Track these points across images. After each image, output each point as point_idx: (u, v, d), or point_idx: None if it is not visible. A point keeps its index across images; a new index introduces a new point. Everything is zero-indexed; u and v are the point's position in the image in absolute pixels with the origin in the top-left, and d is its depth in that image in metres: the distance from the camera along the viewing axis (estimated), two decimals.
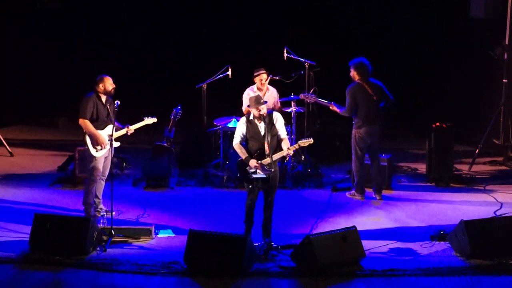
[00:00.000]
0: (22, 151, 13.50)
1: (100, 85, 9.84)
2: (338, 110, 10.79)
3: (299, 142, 9.08)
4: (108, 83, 9.87)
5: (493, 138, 12.80)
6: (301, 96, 11.10)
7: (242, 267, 8.37)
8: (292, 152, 9.11)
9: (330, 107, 10.85)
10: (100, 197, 10.11)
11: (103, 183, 10.08)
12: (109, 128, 9.83)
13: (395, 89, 11.44)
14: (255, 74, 11.50)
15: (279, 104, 11.70)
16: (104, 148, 9.82)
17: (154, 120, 10.24)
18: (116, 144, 9.94)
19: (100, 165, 9.86)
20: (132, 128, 10.05)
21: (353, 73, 10.67)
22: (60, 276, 8.43)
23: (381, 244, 9.23)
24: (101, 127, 9.82)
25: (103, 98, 9.86)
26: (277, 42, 12.43)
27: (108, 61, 15.26)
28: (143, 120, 10.18)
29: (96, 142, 9.74)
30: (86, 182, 9.98)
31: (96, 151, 9.78)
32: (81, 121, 9.75)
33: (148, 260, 8.75)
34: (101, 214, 10.00)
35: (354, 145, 10.74)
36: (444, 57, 14.23)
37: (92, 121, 9.77)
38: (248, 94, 11.37)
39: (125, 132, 10.00)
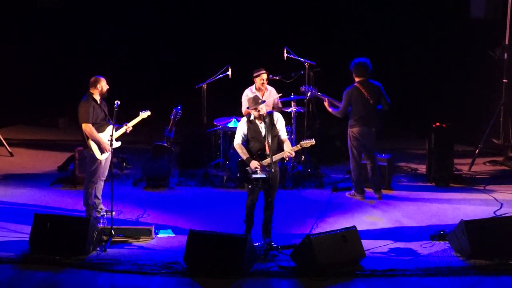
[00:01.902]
0: (22, 151, 13.50)
1: (98, 86, 9.79)
2: (330, 110, 10.84)
3: (301, 143, 9.08)
4: (105, 84, 9.86)
5: (493, 138, 12.79)
6: (301, 89, 11.08)
7: (242, 267, 8.37)
8: (293, 154, 9.10)
9: (325, 102, 10.87)
10: (100, 197, 10.10)
11: (102, 183, 10.07)
12: (109, 130, 9.82)
13: (395, 89, 11.46)
14: (255, 74, 11.50)
15: (279, 104, 11.70)
16: (109, 151, 9.82)
17: (148, 113, 10.22)
18: (118, 144, 9.94)
19: (102, 167, 9.86)
20: (130, 125, 10.03)
21: (354, 75, 10.68)
22: (60, 276, 8.43)
23: (381, 244, 9.23)
24: (101, 129, 9.79)
25: (98, 99, 9.82)
26: (277, 42, 12.43)
27: (108, 61, 15.27)
28: (138, 115, 10.17)
29: (101, 148, 9.72)
30: (85, 184, 9.96)
31: (101, 154, 9.77)
32: (84, 126, 9.67)
33: (148, 260, 8.75)
34: (101, 214, 10.00)
35: (349, 145, 10.77)
36: (444, 57, 14.23)
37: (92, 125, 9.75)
38: (247, 95, 11.39)
39: (124, 130, 9.99)
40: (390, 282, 8.30)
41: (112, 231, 9.20)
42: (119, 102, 9.49)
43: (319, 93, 11.06)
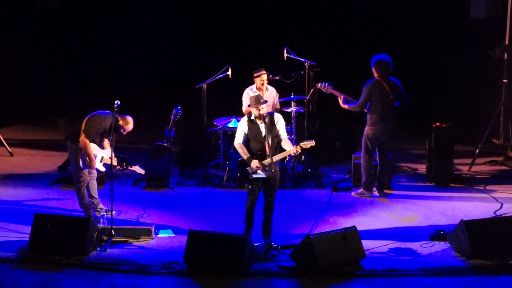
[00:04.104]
0: (22, 151, 13.49)
1: (126, 126, 9.67)
2: (345, 106, 10.76)
3: (301, 144, 9.07)
4: (129, 128, 9.74)
5: (493, 138, 12.79)
6: (318, 85, 10.97)
7: (242, 267, 8.37)
8: (299, 151, 9.06)
9: (339, 99, 10.79)
10: (97, 196, 10.08)
11: (94, 182, 10.04)
12: (105, 152, 9.81)
13: None
14: (256, 75, 11.48)
15: (278, 104, 11.70)
16: (92, 169, 9.81)
17: (143, 172, 10.24)
18: (102, 169, 9.92)
19: (86, 170, 9.84)
20: (124, 164, 10.00)
21: (373, 70, 10.64)
22: (60, 276, 8.43)
23: (381, 244, 9.23)
24: (97, 143, 9.79)
25: (114, 127, 9.64)
26: (277, 42, 12.43)
27: (108, 61, 15.30)
28: (135, 166, 10.12)
29: (87, 163, 9.72)
30: (75, 187, 9.91)
31: (84, 165, 9.76)
32: (82, 138, 9.61)
33: (148, 260, 8.75)
34: (101, 214, 9.99)
35: (365, 142, 10.72)
36: (444, 57, 14.22)
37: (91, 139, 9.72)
38: (248, 95, 11.39)
39: (117, 164, 9.86)
40: (390, 282, 8.31)
41: (112, 231, 9.20)
42: (119, 102, 9.49)
43: (334, 90, 10.93)
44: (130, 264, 8.65)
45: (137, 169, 10.15)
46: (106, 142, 9.92)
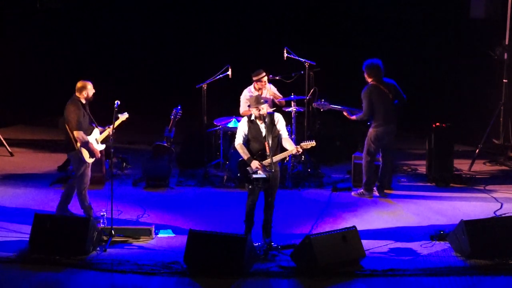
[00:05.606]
0: (22, 151, 13.49)
1: (83, 93, 9.73)
2: (353, 118, 10.74)
3: (302, 144, 9.07)
4: (91, 89, 9.77)
5: (493, 138, 12.79)
6: (314, 105, 11.05)
7: (242, 267, 8.37)
8: (301, 151, 9.06)
9: (344, 113, 10.82)
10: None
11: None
12: (95, 133, 9.82)
13: None
14: (255, 78, 11.46)
15: (278, 93, 11.67)
16: (99, 156, 9.83)
17: (126, 115, 10.09)
18: (102, 147, 9.94)
19: (89, 170, 9.85)
20: (112, 127, 9.96)
21: (365, 75, 10.63)
22: (60, 276, 8.44)
23: (381, 244, 9.24)
24: (87, 133, 9.79)
25: (84, 103, 9.78)
26: (277, 42, 12.42)
27: (108, 61, 15.29)
28: (118, 118, 10.00)
29: (91, 153, 9.72)
30: (77, 188, 9.87)
31: (90, 158, 9.78)
32: (76, 134, 9.63)
33: (148, 260, 8.76)
34: (101, 214, 9.97)
35: (368, 143, 10.72)
36: (444, 57, 14.22)
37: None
38: (246, 96, 11.41)
39: (107, 133, 9.91)
40: (390, 282, 8.31)
41: (112, 231, 9.20)
42: (119, 102, 9.50)
43: (332, 105, 10.94)
44: (130, 264, 8.65)
45: (124, 116, 10.03)
46: (95, 131, 9.89)
